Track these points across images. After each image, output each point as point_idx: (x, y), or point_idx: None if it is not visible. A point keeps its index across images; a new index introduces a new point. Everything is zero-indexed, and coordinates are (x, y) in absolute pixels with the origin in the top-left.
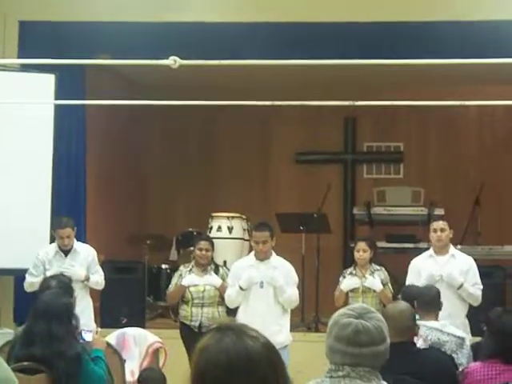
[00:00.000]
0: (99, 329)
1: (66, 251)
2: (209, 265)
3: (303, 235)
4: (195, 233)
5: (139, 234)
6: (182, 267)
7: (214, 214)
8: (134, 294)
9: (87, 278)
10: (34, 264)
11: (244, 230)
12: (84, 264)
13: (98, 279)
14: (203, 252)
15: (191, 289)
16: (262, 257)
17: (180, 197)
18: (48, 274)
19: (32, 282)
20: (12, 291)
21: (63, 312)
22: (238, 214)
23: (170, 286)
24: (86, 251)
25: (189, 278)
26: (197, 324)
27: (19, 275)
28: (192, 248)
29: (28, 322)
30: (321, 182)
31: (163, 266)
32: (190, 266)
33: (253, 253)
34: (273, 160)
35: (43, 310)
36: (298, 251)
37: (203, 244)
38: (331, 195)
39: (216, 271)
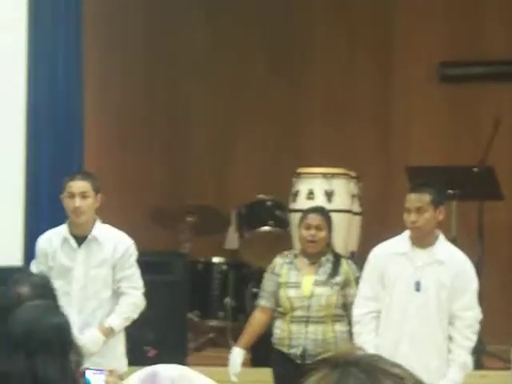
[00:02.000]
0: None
1: (80, 238)
2: (323, 254)
3: (454, 204)
4: (269, 202)
5: (174, 207)
6: (278, 258)
7: (302, 171)
8: (168, 307)
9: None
10: (35, 260)
11: (353, 196)
12: (105, 265)
13: (128, 311)
14: (312, 232)
15: (290, 293)
16: (421, 240)
17: (240, 144)
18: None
19: None
20: None
21: (54, 339)
22: (342, 170)
23: (260, 297)
24: (112, 243)
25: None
26: (298, 352)
27: None
28: (266, 228)
29: None
30: (482, 113)
31: (215, 260)
32: (291, 257)
33: (405, 234)
34: (399, 77)
35: (21, 337)
36: (445, 229)
37: (313, 219)
38: (502, 136)
39: (336, 266)
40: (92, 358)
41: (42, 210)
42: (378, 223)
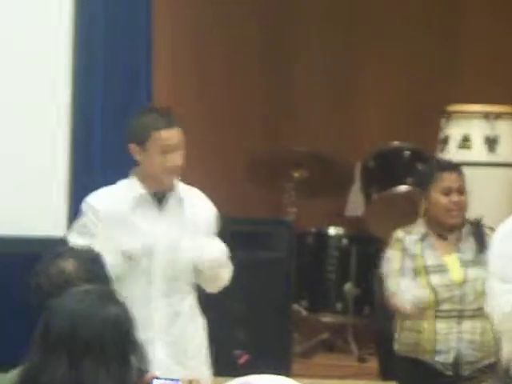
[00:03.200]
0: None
1: (160, 196)
2: (462, 225)
3: None
4: (408, 152)
5: (275, 157)
6: (400, 233)
7: (454, 109)
8: (267, 297)
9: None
10: (79, 226)
11: None
12: (197, 232)
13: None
14: (453, 197)
15: (434, 279)
16: None
17: (367, 67)
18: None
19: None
20: None
21: (109, 339)
22: (509, 109)
23: (389, 282)
24: (204, 205)
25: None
26: (450, 359)
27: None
28: (403, 188)
29: (31, 359)
30: None
31: (332, 232)
32: (423, 232)
33: None
34: None
35: (64, 336)
36: None
37: (452, 180)
38: None
39: (480, 237)
40: (165, 364)
41: (94, 163)
42: None
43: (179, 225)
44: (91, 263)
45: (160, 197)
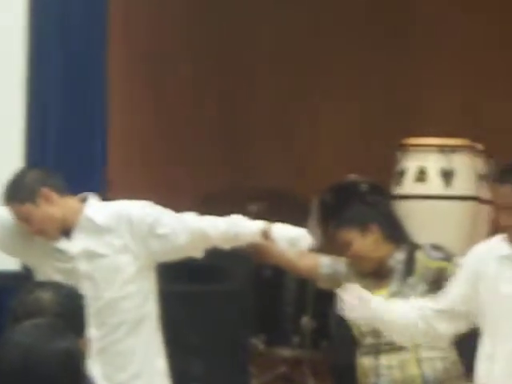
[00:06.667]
0: None
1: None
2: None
3: None
4: (364, 186)
5: (232, 192)
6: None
7: (410, 142)
8: (224, 330)
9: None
10: None
11: (480, 177)
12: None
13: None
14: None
15: None
16: None
17: (322, 99)
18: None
19: None
20: None
21: (61, 372)
22: (465, 142)
23: None
24: (116, 216)
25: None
26: None
27: None
28: None
29: None
30: None
31: None
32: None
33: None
34: None
35: (18, 366)
36: None
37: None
38: None
39: (407, 267)
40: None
41: None
42: None
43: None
44: (68, 299)
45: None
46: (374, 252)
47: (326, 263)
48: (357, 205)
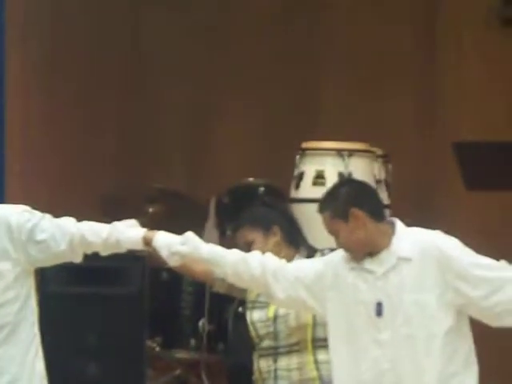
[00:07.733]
0: None
1: None
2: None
3: None
4: (262, 189)
5: (130, 194)
6: None
7: (309, 146)
8: (120, 332)
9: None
10: None
11: (378, 181)
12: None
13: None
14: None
15: (255, 315)
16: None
17: (223, 107)
18: None
19: None
20: None
21: None
22: (363, 146)
23: None
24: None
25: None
26: None
27: None
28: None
29: None
30: None
31: None
32: None
33: None
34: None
35: None
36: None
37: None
38: None
39: None
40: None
41: None
42: (412, 219)
43: None
44: None
45: None
46: (275, 255)
47: None
48: (258, 206)
